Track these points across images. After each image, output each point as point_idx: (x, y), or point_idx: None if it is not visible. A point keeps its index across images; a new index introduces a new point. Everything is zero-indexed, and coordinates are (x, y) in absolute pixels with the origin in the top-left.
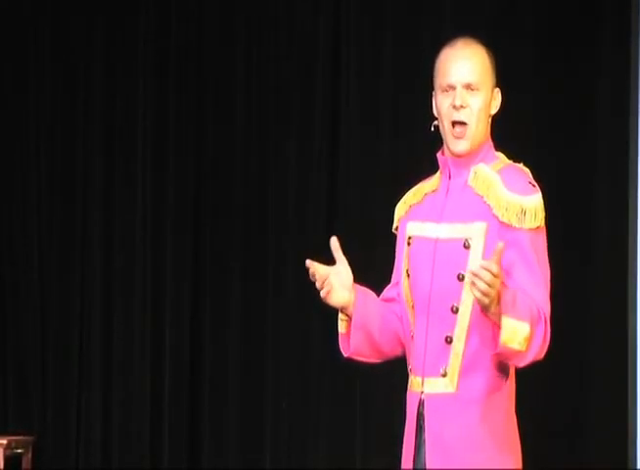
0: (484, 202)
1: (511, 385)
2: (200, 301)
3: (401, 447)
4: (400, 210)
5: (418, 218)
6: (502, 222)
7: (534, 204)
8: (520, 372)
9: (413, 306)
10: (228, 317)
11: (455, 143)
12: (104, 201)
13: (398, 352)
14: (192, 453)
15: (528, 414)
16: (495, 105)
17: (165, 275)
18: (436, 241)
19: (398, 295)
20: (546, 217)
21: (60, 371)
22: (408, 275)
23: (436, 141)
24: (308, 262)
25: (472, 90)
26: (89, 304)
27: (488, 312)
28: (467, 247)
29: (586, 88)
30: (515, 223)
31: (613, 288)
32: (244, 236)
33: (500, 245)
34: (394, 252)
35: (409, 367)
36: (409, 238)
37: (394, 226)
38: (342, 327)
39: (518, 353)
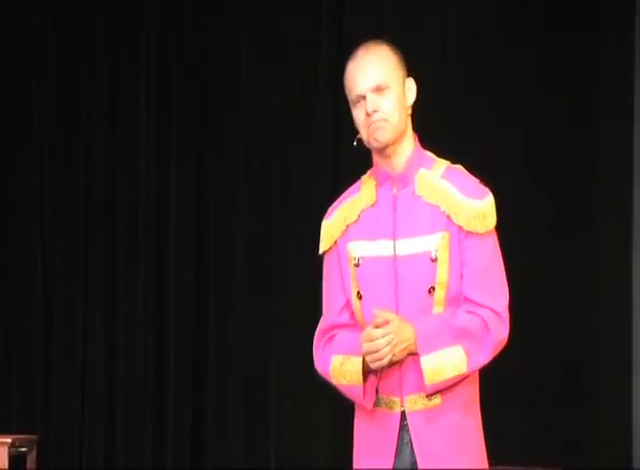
0: (442, 211)
1: (477, 386)
2: (202, 302)
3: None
4: (333, 230)
5: (363, 237)
6: (466, 231)
7: (490, 204)
8: (520, 372)
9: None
10: (231, 317)
11: (377, 135)
12: (106, 199)
13: None
14: (195, 453)
15: (528, 414)
16: (411, 95)
17: (167, 276)
18: (395, 258)
19: (352, 315)
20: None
21: (63, 369)
22: (360, 297)
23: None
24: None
25: (382, 90)
26: (92, 302)
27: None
28: (434, 260)
29: (588, 88)
30: (480, 230)
31: (613, 287)
32: (246, 235)
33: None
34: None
35: (375, 386)
36: (356, 259)
37: (324, 248)
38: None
39: (459, 376)
